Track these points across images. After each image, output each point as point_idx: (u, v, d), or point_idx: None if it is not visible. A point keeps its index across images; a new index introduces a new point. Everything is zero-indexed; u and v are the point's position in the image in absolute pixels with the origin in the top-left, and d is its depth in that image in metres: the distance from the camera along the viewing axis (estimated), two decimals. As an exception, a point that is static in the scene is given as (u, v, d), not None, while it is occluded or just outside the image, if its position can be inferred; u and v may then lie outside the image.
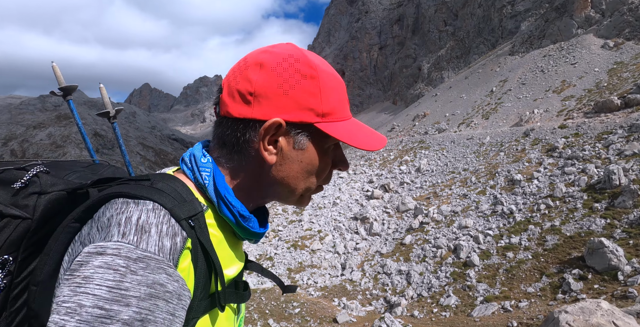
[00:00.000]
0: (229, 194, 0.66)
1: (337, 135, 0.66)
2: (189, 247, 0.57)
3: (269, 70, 0.65)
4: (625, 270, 10.52)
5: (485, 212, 17.18)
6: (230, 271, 0.68)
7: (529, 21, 45.76)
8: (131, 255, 0.49)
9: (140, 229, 0.52)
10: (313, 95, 0.65)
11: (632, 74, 24.75)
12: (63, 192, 0.64)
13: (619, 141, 17.45)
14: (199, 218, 0.61)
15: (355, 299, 15.59)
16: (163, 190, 0.59)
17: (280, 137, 0.66)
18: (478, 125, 28.96)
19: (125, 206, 0.55)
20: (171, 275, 0.51)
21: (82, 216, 0.57)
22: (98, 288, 0.46)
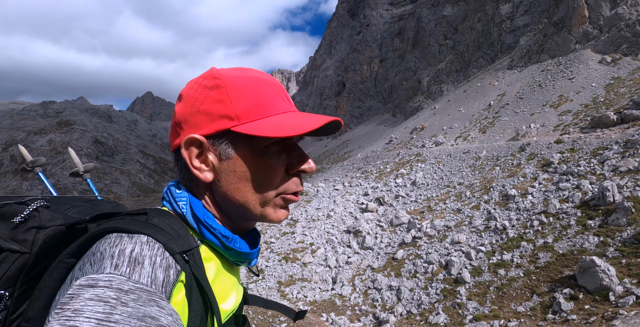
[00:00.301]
0: (209, 218, 0.67)
1: (257, 132, 0.63)
2: (183, 280, 0.56)
3: (185, 97, 0.68)
4: (617, 290, 10.24)
5: (478, 227, 16.93)
6: (227, 305, 0.67)
7: (528, 36, 46.04)
8: (123, 287, 0.48)
9: (134, 261, 0.52)
10: (221, 102, 0.65)
11: (629, 89, 24.72)
12: (62, 226, 0.64)
13: (614, 157, 17.27)
14: (193, 253, 0.61)
15: (344, 314, 15.26)
16: (158, 225, 0.59)
17: (208, 153, 0.66)
18: (475, 139, 28.86)
19: (119, 239, 0.55)
20: (164, 308, 0.50)
21: (77, 251, 0.56)
22: (87, 321, 0.44)
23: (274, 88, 0.71)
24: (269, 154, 0.68)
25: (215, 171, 0.67)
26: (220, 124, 0.65)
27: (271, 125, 0.65)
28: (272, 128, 0.64)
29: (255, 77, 0.69)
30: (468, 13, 61.01)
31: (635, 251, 11.39)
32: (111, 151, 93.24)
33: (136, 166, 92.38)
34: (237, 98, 0.66)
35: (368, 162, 34.13)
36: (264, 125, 0.65)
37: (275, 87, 0.71)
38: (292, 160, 0.70)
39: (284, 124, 0.65)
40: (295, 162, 0.70)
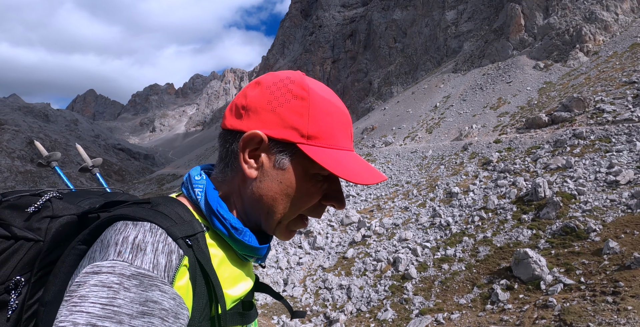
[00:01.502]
0: (221, 207, 0.68)
1: (319, 160, 0.64)
2: (186, 265, 0.57)
3: (264, 88, 0.68)
4: (547, 279, 10.97)
5: (424, 224, 17.51)
6: (234, 291, 0.67)
7: (471, 41, 48.51)
8: (125, 272, 0.50)
9: (136, 248, 0.54)
10: (300, 115, 0.66)
11: (559, 93, 26.72)
12: (74, 216, 0.66)
13: (546, 155, 18.57)
14: (197, 238, 0.62)
15: (295, 315, 15.15)
16: (162, 211, 0.61)
17: (263, 153, 0.67)
18: (422, 139, 29.90)
19: (124, 227, 0.57)
20: (166, 292, 0.51)
21: (88, 238, 0.59)
22: (92, 306, 0.46)
23: (347, 122, 0.71)
24: (315, 181, 0.69)
25: (261, 172, 0.68)
26: (290, 134, 0.66)
27: (331, 159, 0.65)
28: (332, 162, 0.65)
29: (336, 105, 0.70)
30: (416, 18, 63.21)
31: (563, 242, 12.28)
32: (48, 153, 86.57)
33: (76, 169, 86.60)
34: (315, 118, 0.66)
35: (320, 163, 34.31)
36: (328, 156, 0.65)
37: (348, 121, 0.72)
38: (329, 193, 0.71)
39: (342, 163, 0.66)
40: (332, 196, 0.71)
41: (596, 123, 19.37)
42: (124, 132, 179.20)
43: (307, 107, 0.66)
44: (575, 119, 20.75)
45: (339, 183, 0.73)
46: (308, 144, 0.66)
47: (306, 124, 0.66)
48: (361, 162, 0.70)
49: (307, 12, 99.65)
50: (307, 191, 0.68)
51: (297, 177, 0.67)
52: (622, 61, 26.54)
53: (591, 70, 27.98)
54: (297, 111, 0.66)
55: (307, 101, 0.66)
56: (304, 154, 0.66)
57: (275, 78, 0.69)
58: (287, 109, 0.66)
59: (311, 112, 0.66)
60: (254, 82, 0.71)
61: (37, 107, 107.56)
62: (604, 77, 24.87)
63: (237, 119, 0.69)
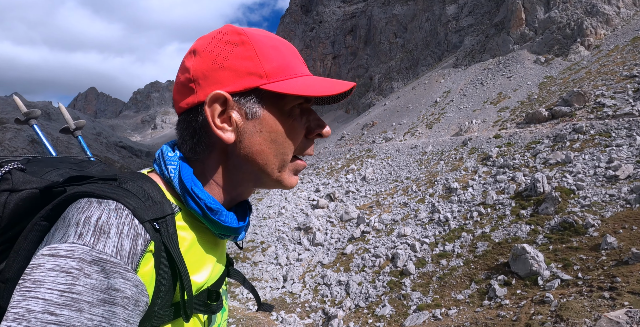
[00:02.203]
0: (196, 186, 0.64)
1: (290, 90, 0.62)
2: (152, 250, 0.54)
3: (201, 52, 0.65)
4: (545, 275, 10.94)
5: (423, 220, 17.48)
6: (200, 277, 0.64)
7: (472, 36, 48.20)
8: (85, 257, 0.47)
9: (99, 230, 0.50)
10: (249, 58, 0.63)
11: (559, 87, 26.54)
12: (35, 190, 0.60)
13: (545, 150, 18.47)
14: (167, 221, 0.58)
15: (294, 312, 15.19)
16: (130, 190, 0.57)
17: (232, 111, 0.64)
18: (422, 135, 29.80)
19: (88, 205, 0.53)
20: (129, 279, 0.49)
21: (51, 214, 0.55)
22: (49, 292, 0.43)
23: (293, 50, 0.69)
24: (294, 116, 0.66)
25: (238, 132, 0.64)
26: (249, 81, 0.63)
27: (300, 86, 0.63)
28: (303, 88, 0.62)
29: (277, 38, 0.68)
30: (417, 13, 62.81)
31: (561, 237, 12.23)
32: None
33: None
34: (265, 56, 0.63)
35: (320, 159, 34.26)
36: (292, 85, 0.63)
37: (293, 49, 0.70)
38: (310, 124, 0.69)
39: (312, 85, 0.64)
40: (314, 126, 0.69)
41: (596, 117, 19.23)
42: (126, 130, 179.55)
43: (252, 49, 0.64)
44: (576, 114, 20.62)
45: (315, 113, 0.71)
46: (271, 82, 0.63)
47: (259, 64, 0.63)
48: (325, 80, 0.68)
49: (307, 8, 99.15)
50: (290, 128, 0.66)
51: (274, 120, 0.65)
52: (623, 55, 26.32)
53: (592, 64, 27.76)
54: (244, 56, 0.63)
55: (249, 44, 0.64)
56: (272, 94, 0.64)
57: (207, 38, 0.67)
58: (234, 59, 0.63)
59: (258, 52, 0.64)
60: (188, 53, 0.67)
61: (39, 105, 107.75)
62: (604, 71, 24.68)
63: (190, 95, 0.65)
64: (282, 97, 0.64)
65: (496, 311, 10.41)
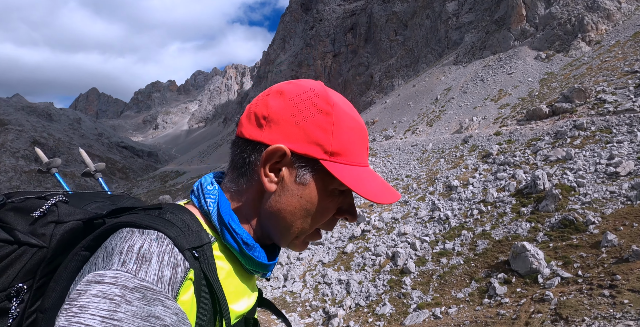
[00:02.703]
0: (233, 221, 0.66)
1: (342, 178, 0.64)
2: (192, 278, 0.55)
3: (287, 99, 0.66)
4: (545, 273, 10.88)
5: (423, 218, 17.43)
6: (238, 306, 0.66)
7: (472, 33, 48.01)
8: (128, 284, 0.48)
9: (141, 258, 0.52)
10: (324, 131, 0.65)
11: (560, 83, 26.40)
12: (79, 221, 0.63)
13: (546, 147, 18.38)
14: (205, 249, 0.60)
15: (295, 311, 15.19)
16: (170, 220, 0.59)
17: (284, 167, 0.66)
18: (422, 132, 29.71)
19: (130, 234, 0.55)
20: (169, 307, 0.49)
21: (92, 244, 0.57)
22: (91, 318, 0.44)
23: (365, 137, 0.71)
24: (333, 197, 0.68)
25: (280, 186, 0.66)
26: (313, 150, 0.65)
27: (353, 177, 0.65)
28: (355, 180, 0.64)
29: (357, 121, 0.69)
30: (417, 10, 62.57)
31: (561, 234, 12.16)
32: (52, 152, 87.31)
33: (81, 168, 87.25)
34: (339, 135, 0.65)
35: (321, 157, 34.26)
36: (349, 174, 0.65)
37: (366, 136, 0.71)
38: (343, 206, 0.71)
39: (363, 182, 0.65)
40: (345, 210, 0.71)
41: (597, 114, 19.11)
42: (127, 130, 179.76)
43: (331, 123, 0.65)
44: (576, 110, 20.49)
45: (352, 197, 0.72)
46: (331, 160, 0.65)
47: (330, 140, 0.65)
48: (378, 180, 0.70)
49: (307, 6, 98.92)
50: (325, 206, 0.68)
51: (317, 193, 0.67)
52: (624, 50, 26.14)
53: (593, 60, 27.59)
54: (321, 127, 0.65)
55: (331, 117, 0.65)
56: (326, 171, 0.65)
57: (299, 89, 0.67)
58: (312, 124, 0.65)
59: (335, 128, 0.65)
60: (276, 91, 0.68)
61: (40, 106, 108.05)
62: (605, 67, 24.51)
63: (257, 129, 0.66)
64: (332, 177, 0.65)
65: (496, 309, 10.38)
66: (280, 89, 0.68)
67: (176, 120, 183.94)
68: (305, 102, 0.66)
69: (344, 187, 0.67)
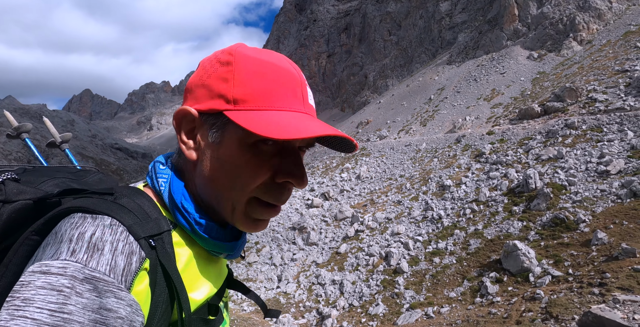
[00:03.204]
0: (186, 200, 0.63)
1: (244, 123, 0.56)
2: (147, 268, 0.53)
3: (200, 68, 0.65)
4: (536, 271, 10.93)
5: (416, 218, 17.46)
6: (199, 294, 0.62)
7: (465, 33, 48.17)
8: (78, 275, 0.45)
9: (93, 247, 0.49)
10: (225, 80, 0.61)
11: (552, 83, 26.55)
12: (29, 201, 0.59)
13: (538, 146, 18.47)
14: (163, 238, 0.57)
15: (289, 312, 15.16)
16: (125, 206, 0.56)
17: (198, 130, 0.63)
18: (416, 132, 29.77)
19: (82, 220, 0.52)
20: (122, 299, 0.47)
21: (42, 228, 0.54)
22: (38, 312, 0.41)
23: (289, 80, 0.62)
24: (257, 152, 0.60)
25: (200, 152, 0.62)
26: (216, 103, 0.60)
27: (267, 121, 0.57)
28: (266, 124, 0.56)
29: (271, 63, 0.62)
30: (410, 10, 62.73)
31: (552, 233, 12.22)
32: (45, 154, 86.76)
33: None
34: (241, 80, 0.60)
35: (315, 158, 34.21)
36: (259, 119, 0.57)
37: (291, 80, 0.63)
38: (283, 167, 0.62)
39: (282, 124, 0.56)
40: (286, 171, 0.62)
41: (588, 113, 19.24)
42: (121, 132, 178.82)
43: (231, 70, 0.61)
44: (568, 109, 20.62)
45: (296, 155, 0.63)
46: (236, 109, 0.59)
47: (231, 88, 0.60)
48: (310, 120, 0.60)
49: (301, 7, 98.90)
50: (246, 163, 0.60)
51: (233, 149, 0.60)
52: (615, 50, 26.34)
53: (584, 59, 27.78)
54: (222, 77, 0.61)
55: (232, 65, 0.61)
56: (234, 122, 0.59)
57: (212, 54, 0.66)
58: (214, 78, 0.61)
59: (236, 75, 0.60)
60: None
61: (33, 108, 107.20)
62: (597, 66, 24.69)
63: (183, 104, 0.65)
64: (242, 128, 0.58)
65: (488, 308, 10.40)
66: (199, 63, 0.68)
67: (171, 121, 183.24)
68: (211, 60, 0.64)
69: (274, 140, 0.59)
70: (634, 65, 21.67)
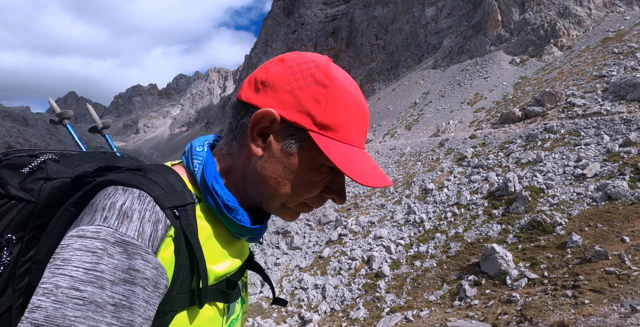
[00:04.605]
0: (217, 183, 0.67)
1: (328, 152, 0.62)
2: (172, 235, 0.57)
3: (287, 67, 0.66)
4: (513, 274, 11.04)
5: (399, 221, 17.53)
6: (219, 267, 0.66)
7: (450, 38, 48.81)
8: (109, 238, 0.51)
9: (123, 214, 0.54)
10: (317, 102, 0.64)
11: (533, 87, 27.03)
12: (67, 179, 0.65)
13: (518, 150, 18.75)
14: (187, 209, 0.61)
15: (270, 317, 15.04)
16: (153, 179, 0.61)
17: (273, 133, 0.66)
18: (401, 136, 29.98)
19: (114, 192, 0.57)
20: (149, 261, 0.52)
21: (80, 201, 0.59)
22: (75, 269, 0.47)
23: (364, 118, 0.68)
24: (319, 171, 0.67)
25: (267, 152, 0.66)
26: (303, 119, 0.64)
27: (341, 154, 0.63)
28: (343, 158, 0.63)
29: (357, 99, 0.67)
30: (397, 14, 63.35)
31: (530, 236, 12.38)
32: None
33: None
34: (333, 108, 0.64)
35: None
36: (337, 150, 0.63)
37: (365, 117, 0.69)
38: (332, 186, 0.69)
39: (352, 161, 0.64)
40: (333, 190, 0.70)
41: (567, 117, 19.62)
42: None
43: (326, 95, 0.64)
44: (547, 113, 20.99)
45: (343, 178, 0.70)
46: (320, 133, 0.64)
47: (322, 112, 0.64)
48: (370, 163, 0.67)
49: (289, 10, 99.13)
50: (310, 180, 0.67)
51: (303, 165, 0.65)
52: (594, 55, 26.95)
53: (564, 64, 28.36)
54: (315, 97, 0.64)
55: (328, 89, 0.64)
56: (314, 143, 0.64)
57: (301, 58, 0.67)
58: (306, 93, 0.64)
59: (330, 101, 0.64)
60: (278, 58, 0.69)
61: (16, 111, 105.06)
62: (576, 72, 25.22)
63: (253, 93, 0.67)
64: (320, 150, 0.63)
65: (465, 311, 10.46)
66: (283, 57, 0.68)
67: (158, 124, 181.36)
68: (303, 71, 0.65)
69: (332, 164, 0.65)
70: (611, 71, 22.20)
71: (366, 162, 0.67)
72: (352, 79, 0.71)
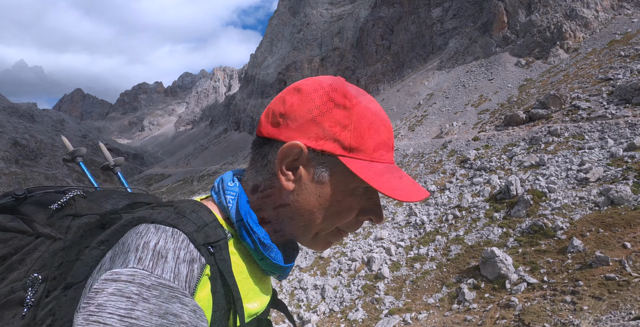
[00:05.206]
0: (252, 219, 0.65)
1: (363, 175, 0.61)
2: (208, 274, 0.56)
3: (304, 95, 0.65)
4: (512, 278, 10.98)
5: (400, 223, 17.50)
6: (252, 305, 0.65)
7: (456, 39, 48.58)
8: (145, 282, 0.49)
9: (157, 255, 0.52)
10: (342, 126, 0.63)
11: (538, 90, 26.85)
12: (96, 215, 0.64)
13: (521, 153, 18.64)
14: (220, 245, 0.60)
15: (269, 317, 15.06)
16: (185, 215, 0.59)
17: (301, 164, 0.64)
18: (404, 137, 29.91)
19: (146, 230, 0.55)
20: (186, 304, 0.50)
21: (108, 239, 0.58)
22: (110, 317, 0.46)
23: (389, 133, 0.68)
24: (354, 194, 0.66)
25: (298, 185, 0.65)
26: (331, 146, 0.63)
27: (374, 174, 0.62)
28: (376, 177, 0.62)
29: (379, 116, 0.67)
30: (403, 15, 63.16)
31: (531, 240, 12.31)
32: (34, 154, 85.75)
33: (63, 170, 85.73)
34: (359, 129, 0.63)
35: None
36: (370, 171, 0.62)
37: (390, 132, 0.68)
38: (367, 207, 0.68)
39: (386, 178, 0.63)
40: (369, 210, 0.69)
41: (571, 120, 19.47)
42: (113, 132, 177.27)
43: (350, 117, 0.63)
44: (552, 116, 20.85)
45: (377, 196, 0.68)
46: (350, 156, 0.63)
47: (349, 135, 0.63)
48: (403, 177, 0.66)
49: (295, 10, 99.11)
50: (346, 205, 0.66)
51: (337, 192, 0.64)
52: (600, 58, 26.73)
53: (570, 67, 28.15)
54: (339, 121, 0.63)
55: (350, 111, 0.63)
56: (345, 168, 0.63)
57: (316, 84, 0.66)
58: (329, 119, 0.63)
59: (354, 122, 0.63)
60: (293, 88, 0.67)
61: (23, 107, 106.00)
62: (581, 74, 25.02)
63: (274, 127, 0.65)
64: (352, 174, 0.62)
65: (464, 315, 10.43)
66: (298, 86, 0.67)
67: (163, 122, 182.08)
68: (322, 97, 0.64)
69: (366, 185, 0.64)
70: (617, 74, 22.00)
71: (400, 177, 0.66)
72: (368, 94, 0.69)
